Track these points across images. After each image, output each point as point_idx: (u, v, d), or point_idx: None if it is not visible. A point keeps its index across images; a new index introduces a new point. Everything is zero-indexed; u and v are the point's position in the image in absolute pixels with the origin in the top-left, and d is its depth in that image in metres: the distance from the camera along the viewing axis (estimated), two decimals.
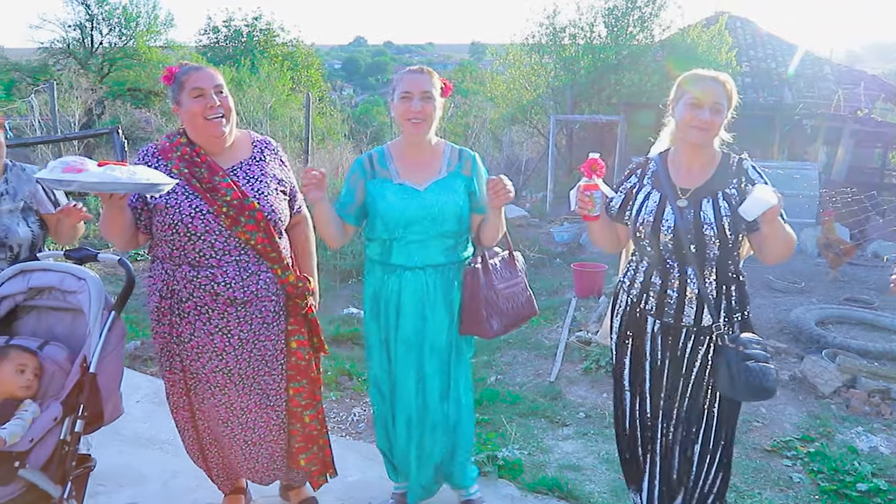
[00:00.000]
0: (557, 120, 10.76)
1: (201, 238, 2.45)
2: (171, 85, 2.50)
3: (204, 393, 2.61)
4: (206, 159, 2.50)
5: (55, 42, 24.32)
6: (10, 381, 2.34)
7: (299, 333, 2.67)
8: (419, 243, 2.64)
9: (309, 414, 2.72)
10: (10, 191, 2.86)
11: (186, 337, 2.54)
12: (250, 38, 28.04)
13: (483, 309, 2.65)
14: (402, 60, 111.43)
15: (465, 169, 2.71)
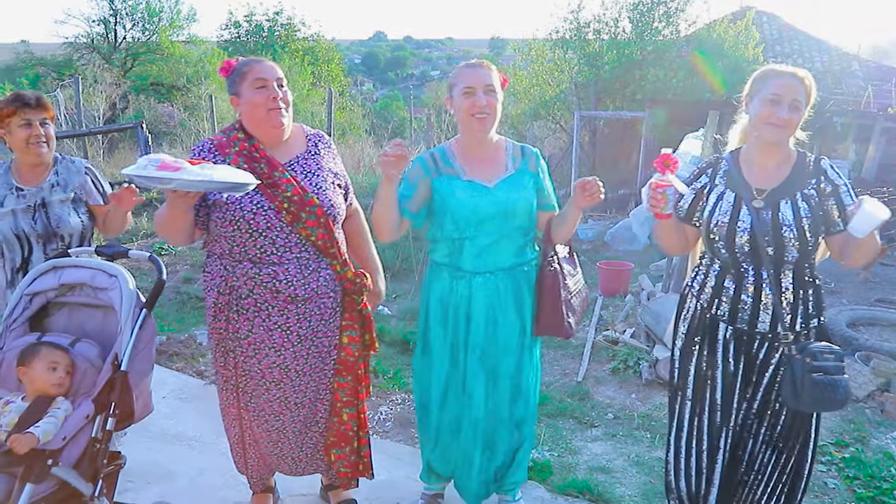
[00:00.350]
0: (581, 116, 10.66)
1: (263, 234, 2.42)
2: (230, 76, 2.48)
3: (256, 389, 2.58)
4: (265, 154, 2.47)
5: (79, 37, 24.57)
6: (42, 379, 2.33)
7: (352, 329, 2.63)
8: (490, 243, 2.57)
9: (348, 412, 2.67)
10: (60, 182, 2.89)
11: (244, 333, 2.52)
12: (271, 33, 28.12)
13: (562, 309, 2.60)
14: (422, 55, 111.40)
15: (530, 165, 2.65)
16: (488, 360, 2.64)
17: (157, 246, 7.94)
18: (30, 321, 2.59)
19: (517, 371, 2.70)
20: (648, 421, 3.97)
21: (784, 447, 2.43)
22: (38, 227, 2.83)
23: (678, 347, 2.52)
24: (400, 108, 32.62)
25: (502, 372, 2.67)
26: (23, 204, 2.84)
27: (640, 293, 6.01)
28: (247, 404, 2.63)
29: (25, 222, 2.82)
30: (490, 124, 2.53)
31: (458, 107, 2.52)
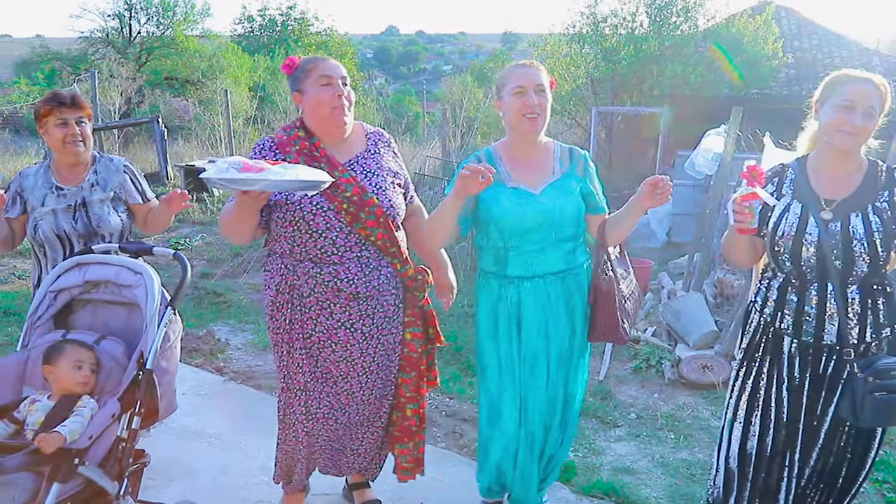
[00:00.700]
0: (598, 111, 10.59)
1: (322, 235, 2.41)
2: (293, 74, 2.47)
3: (324, 386, 2.57)
4: (325, 153, 2.45)
5: (94, 31, 24.63)
6: (68, 378, 2.32)
7: (414, 325, 2.63)
8: (537, 251, 2.50)
9: (411, 408, 2.68)
10: (100, 181, 2.88)
11: (308, 331, 2.51)
12: (284, 28, 28.13)
13: (619, 315, 2.54)
14: (434, 50, 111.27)
15: (578, 169, 2.57)
16: (542, 369, 2.59)
17: (174, 241, 7.94)
18: (54, 318, 2.58)
19: (568, 377, 2.65)
20: (672, 421, 3.92)
21: (843, 458, 2.36)
22: (79, 227, 2.81)
23: (739, 363, 2.44)
24: (412, 103, 32.54)
25: (557, 380, 2.61)
26: (63, 203, 2.82)
27: (660, 291, 5.95)
28: (318, 408, 2.60)
29: (66, 222, 2.81)
30: (541, 125, 2.47)
31: (508, 107, 2.46)
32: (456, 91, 18.61)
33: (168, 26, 24.79)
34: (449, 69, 68.47)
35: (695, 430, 3.83)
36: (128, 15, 24.54)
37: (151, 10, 24.72)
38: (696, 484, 3.32)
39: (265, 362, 4.63)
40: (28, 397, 2.34)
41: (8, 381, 2.42)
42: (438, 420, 3.86)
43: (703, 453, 3.60)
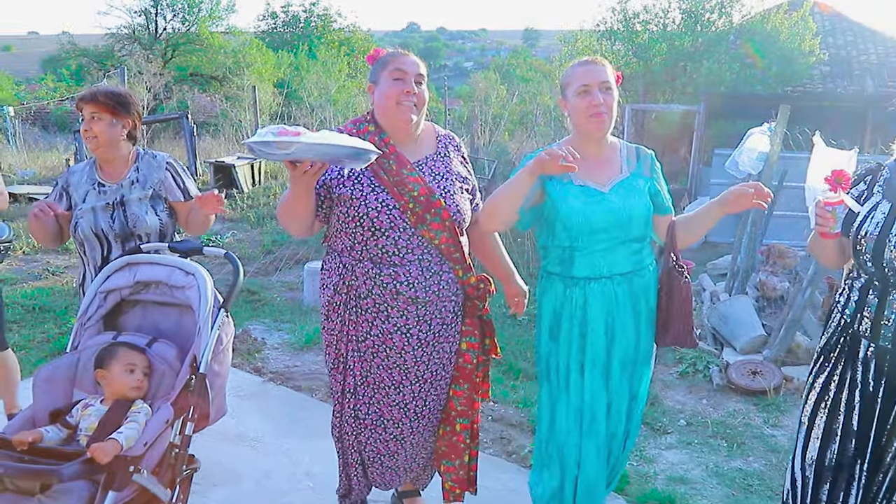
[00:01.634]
0: (631, 109, 10.43)
1: (385, 234, 2.32)
2: (375, 64, 2.40)
3: (375, 395, 2.47)
4: (394, 150, 2.36)
5: (121, 28, 24.83)
6: (121, 382, 2.25)
7: (472, 335, 2.52)
8: (604, 251, 2.40)
9: (461, 423, 2.55)
10: (140, 179, 2.80)
11: (362, 335, 2.42)
12: (307, 24, 28.20)
13: (692, 319, 2.46)
14: (455, 46, 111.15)
15: (645, 168, 2.47)
16: (605, 374, 2.49)
17: (205, 238, 7.92)
18: (104, 319, 2.53)
19: (632, 383, 2.55)
20: (724, 429, 3.80)
21: None
22: (116, 227, 2.74)
23: (815, 365, 2.35)
24: (434, 100, 32.45)
25: (622, 386, 2.52)
26: (102, 201, 2.75)
27: (701, 293, 5.83)
28: (365, 417, 2.51)
29: (104, 221, 2.74)
30: (608, 124, 2.37)
31: (574, 107, 2.37)
32: (482, 88, 18.54)
33: (193, 23, 24.94)
34: (470, 66, 68.36)
35: (748, 439, 3.71)
36: (154, 11, 24.72)
37: (177, 6, 24.88)
38: (754, 495, 3.21)
39: (303, 363, 4.57)
40: (80, 401, 2.28)
41: (59, 385, 2.36)
42: (485, 425, 3.76)
43: (759, 463, 3.48)
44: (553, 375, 2.53)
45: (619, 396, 2.53)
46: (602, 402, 2.49)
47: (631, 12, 12.56)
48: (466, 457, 2.60)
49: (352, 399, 2.50)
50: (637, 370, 2.55)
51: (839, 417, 2.26)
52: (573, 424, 2.53)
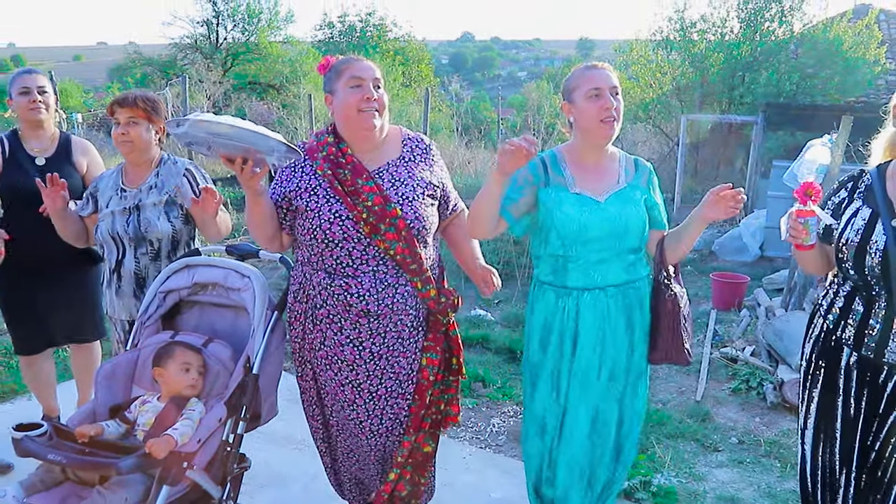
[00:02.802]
0: (688, 120, 10.27)
1: (339, 245, 2.31)
2: (327, 74, 2.37)
3: (335, 405, 2.48)
4: (351, 160, 2.34)
5: (184, 38, 25.55)
6: (176, 381, 2.33)
7: (433, 351, 2.44)
8: (598, 261, 2.37)
9: (406, 439, 2.48)
10: (158, 184, 2.83)
11: (318, 345, 2.41)
12: (363, 34, 28.55)
13: (683, 335, 2.42)
14: (509, 56, 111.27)
15: (642, 180, 2.44)
16: (593, 388, 2.45)
17: None
18: (162, 319, 2.60)
19: (624, 397, 2.50)
20: (777, 448, 3.70)
21: None
22: (130, 231, 2.77)
23: (803, 369, 2.33)
24: (487, 110, 32.53)
25: (607, 402, 2.47)
26: (121, 206, 2.80)
27: (756, 308, 5.70)
28: (330, 416, 2.53)
29: (120, 224, 2.78)
30: (617, 130, 2.35)
31: (583, 111, 2.31)
32: (535, 97, 18.49)
33: (253, 32, 25.51)
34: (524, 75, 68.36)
35: None
36: (215, 22, 25.37)
37: (238, 16, 25.49)
38: None
39: None
40: (139, 397, 2.36)
41: (119, 381, 2.45)
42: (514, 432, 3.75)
43: None
44: (540, 383, 2.50)
45: (607, 409, 2.49)
46: (582, 421, 2.47)
47: (688, 21, 12.39)
48: (393, 474, 2.47)
49: (318, 408, 2.53)
50: (630, 383, 2.50)
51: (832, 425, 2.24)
52: (552, 432, 2.51)
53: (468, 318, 5.68)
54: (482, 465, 3.42)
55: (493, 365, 4.68)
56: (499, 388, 4.29)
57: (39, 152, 3.20)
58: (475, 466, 3.39)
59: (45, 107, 3.17)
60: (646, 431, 3.75)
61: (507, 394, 4.21)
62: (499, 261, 6.99)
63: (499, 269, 7.15)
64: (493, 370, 4.57)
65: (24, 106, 3.14)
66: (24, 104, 3.14)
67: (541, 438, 2.54)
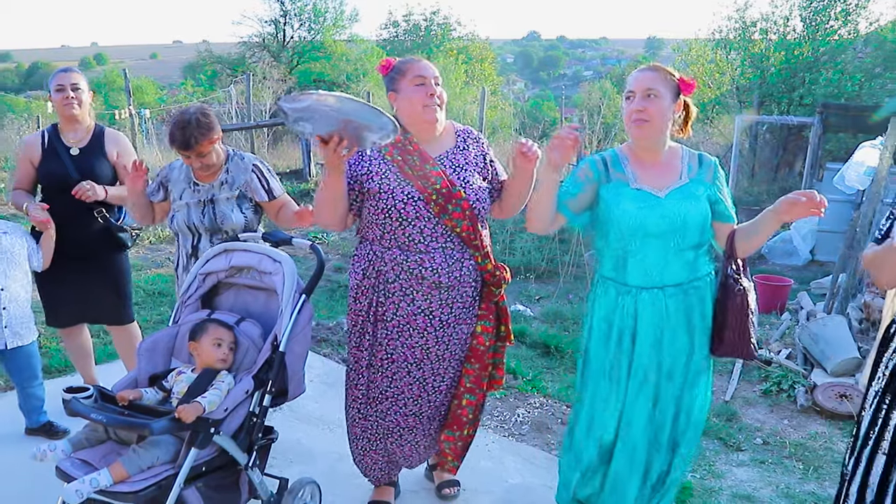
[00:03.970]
0: (742, 120, 10.09)
1: (412, 224, 2.55)
2: (389, 74, 2.62)
3: (397, 372, 2.69)
4: (417, 147, 2.60)
5: (252, 37, 26.33)
6: (209, 354, 2.53)
7: (486, 319, 2.73)
8: (657, 258, 2.42)
9: (468, 398, 2.77)
10: (229, 180, 3.09)
11: (389, 315, 2.65)
12: (427, 32, 28.83)
13: (750, 329, 2.45)
14: (575, 55, 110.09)
15: (706, 176, 2.47)
16: (651, 386, 2.51)
17: (312, 235, 8.36)
18: (202, 299, 2.81)
19: (682, 394, 2.54)
20: (802, 451, 3.71)
21: None
22: (206, 222, 3.06)
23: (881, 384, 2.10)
24: (551, 109, 32.39)
25: (667, 396, 2.52)
26: (195, 199, 3.07)
27: (798, 312, 5.64)
28: (385, 391, 2.72)
29: (196, 216, 3.06)
30: (650, 131, 2.40)
31: (623, 112, 2.46)
32: (594, 97, 18.38)
33: (319, 31, 26.09)
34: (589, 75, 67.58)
35: (826, 463, 3.60)
36: (283, 21, 26.05)
37: (304, 15, 26.12)
38: None
39: None
40: (175, 369, 2.58)
41: (160, 353, 2.67)
42: (553, 427, 3.86)
43: (834, 488, 3.37)
44: (597, 378, 2.57)
45: (664, 408, 2.53)
46: (643, 412, 2.52)
47: (749, 20, 12.15)
48: (466, 430, 2.82)
49: (364, 377, 2.72)
50: (689, 382, 2.53)
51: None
52: (608, 428, 2.57)
53: None
54: (503, 452, 3.54)
55: (526, 358, 4.79)
56: (528, 380, 4.39)
57: (74, 143, 3.50)
58: (496, 453, 3.51)
59: (78, 102, 3.47)
60: None
61: (535, 386, 4.31)
62: (543, 258, 7.08)
63: (543, 266, 7.25)
64: (526, 363, 4.68)
65: (59, 102, 3.46)
66: (59, 100, 3.45)
67: (589, 432, 2.62)
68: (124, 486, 2.16)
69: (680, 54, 13.88)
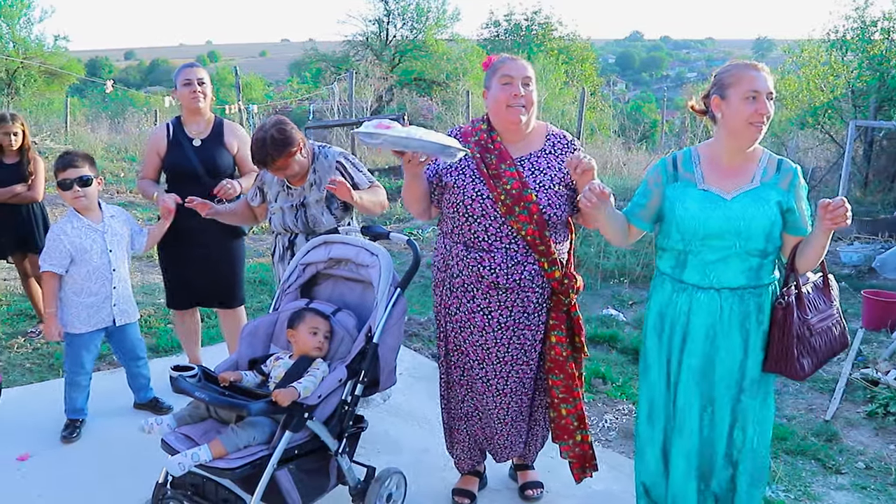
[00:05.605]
0: (857, 126, 9.54)
1: (477, 221, 2.59)
2: (487, 71, 2.66)
3: (466, 364, 2.76)
4: (499, 146, 2.62)
5: (356, 35, 26.97)
6: (305, 341, 2.64)
7: (559, 329, 2.70)
8: (718, 260, 2.37)
9: (566, 408, 2.76)
10: (317, 181, 3.20)
11: (453, 310, 2.71)
12: (528, 32, 28.72)
13: (794, 347, 2.35)
14: (679, 56, 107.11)
15: (782, 182, 2.36)
16: (704, 385, 2.46)
17: (408, 230, 8.50)
18: (301, 288, 2.94)
19: (738, 404, 2.47)
20: None
21: None
22: (300, 225, 3.22)
23: None
24: (651, 111, 31.65)
25: (720, 402, 2.47)
26: (289, 203, 3.22)
27: None
28: (459, 378, 2.81)
29: (290, 219, 3.22)
30: (763, 134, 2.35)
31: (737, 111, 2.30)
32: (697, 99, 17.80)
33: (420, 30, 26.45)
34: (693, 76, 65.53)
35: None
36: (386, 20, 26.56)
37: (407, 15, 26.53)
38: None
39: None
40: (273, 354, 2.70)
41: (260, 338, 2.81)
42: None
43: None
44: (654, 370, 2.57)
45: (719, 414, 2.47)
46: (695, 408, 2.48)
47: (869, 20, 11.44)
48: (579, 436, 2.81)
49: (452, 364, 2.80)
50: (747, 391, 2.45)
51: None
52: (659, 421, 2.58)
53: (599, 317, 5.72)
54: None
55: (616, 364, 4.72)
56: (618, 386, 4.33)
57: (197, 135, 3.73)
58: None
59: (203, 96, 3.69)
60: None
61: (625, 392, 4.25)
62: (638, 262, 6.94)
63: (638, 270, 7.12)
64: (616, 369, 4.61)
65: (186, 95, 3.67)
66: (187, 94, 3.67)
67: (650, 424, 2.62)
68: (222, 463, 2.29)
69: (791, 56, 13.23)
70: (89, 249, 3.28)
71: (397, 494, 2.84)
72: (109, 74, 58.30)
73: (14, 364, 4.36)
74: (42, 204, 4.67)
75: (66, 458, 3.25)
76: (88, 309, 3.33)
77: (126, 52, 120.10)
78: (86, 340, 3.37)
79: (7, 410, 3.61)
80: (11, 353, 4.50)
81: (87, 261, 3.29)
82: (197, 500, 2.44)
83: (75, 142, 14.03)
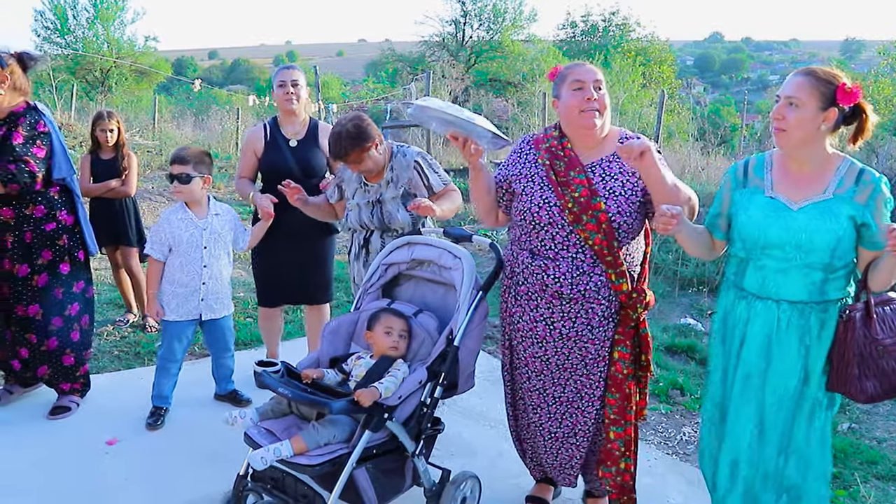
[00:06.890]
0: None
1: (544, 229, 2.53)
2: (555, 80, 2.60)
3: (525, 374, 2.70)
4: (569, 153, 2.55)
5: (433, 36, 27.16)
6: (381, 341, 2.65)
7: (623, 345, 2.57)
8: (777, 271, 2.29)
9: (615, 431, 2.61)
10: (393, 179, 3.20)
11: (517, 319, 2.66)
12: (605, 33, 28.33)
13: (855, 367, 2.22)
14: (761, 58, 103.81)
15: (859, 195, 2.23)
16: (755, 396, 2.36)
17: (482, 232, 8.49)
18: (383, 288, 2.95)
19: (791, 425, 2.35)
20: None
21: None
22: (375, 222, 3.21)
23: None
24: (731, 115, 30.74)
25: (771, 419, 2.36)
26: (365, 199, 3.23)
27: None
28: (520, 385, 2.76)
29: (366, 216, 3.23)
30: (784, 140, 2.27)
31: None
32: None
33: (497, 31, 26.44)
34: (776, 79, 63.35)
35: None
36: (462, 21, 26.65)
37: (484, 16, 26.56)
38: None
39: None
40: (355, 354, 2.71)
41: (341, 337, 2.83)
42: None
43: None
44: (717, 374, 2.52)
45: (769, 432, 2.37)
46: (745, 417, 2.41)
47: None
48: (622, 464, 2.63)
49: (516, 373, 2.75)
50: (802, 411, 2.34)
51: None
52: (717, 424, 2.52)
53: (677, 326, 5.56)
54: (665, 469, 3.40)
55: (694, 375, 4.57)
56: (696, 398, 4.20)
57: (293, 136, 3.79)
58: (658, 470, 3.39)
59: (297, 98, 3.74)
60: (851, 467, 3.50)
61: None
62: (717, 271, 6.72)
63: (717, 279, 6.90)
64: (694, 380, 4.47)
65: (280, 97, 3.74)
66: (281, 95, 3.73)
67: (710, 430, 2.57)
68: (303, 459, 2.31)
69: (886, 58, 12.59)
70: (185, 242, 3.38)
71: (471, 498, 2.81)
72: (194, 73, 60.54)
73: (103, 351, 4.54)
74: (134, 198, 4.85)
75: (152, 445, 3.36)
76: (177, 298, 3.43)
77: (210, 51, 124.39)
78: (177, 330, 3.48)
79: (96, 396, 3.76)
80: (101, 340, 4.69)
81: (182, 252, 3.39)
82: (276, 493, 2.48)
83: (163, 138, 14.58)
